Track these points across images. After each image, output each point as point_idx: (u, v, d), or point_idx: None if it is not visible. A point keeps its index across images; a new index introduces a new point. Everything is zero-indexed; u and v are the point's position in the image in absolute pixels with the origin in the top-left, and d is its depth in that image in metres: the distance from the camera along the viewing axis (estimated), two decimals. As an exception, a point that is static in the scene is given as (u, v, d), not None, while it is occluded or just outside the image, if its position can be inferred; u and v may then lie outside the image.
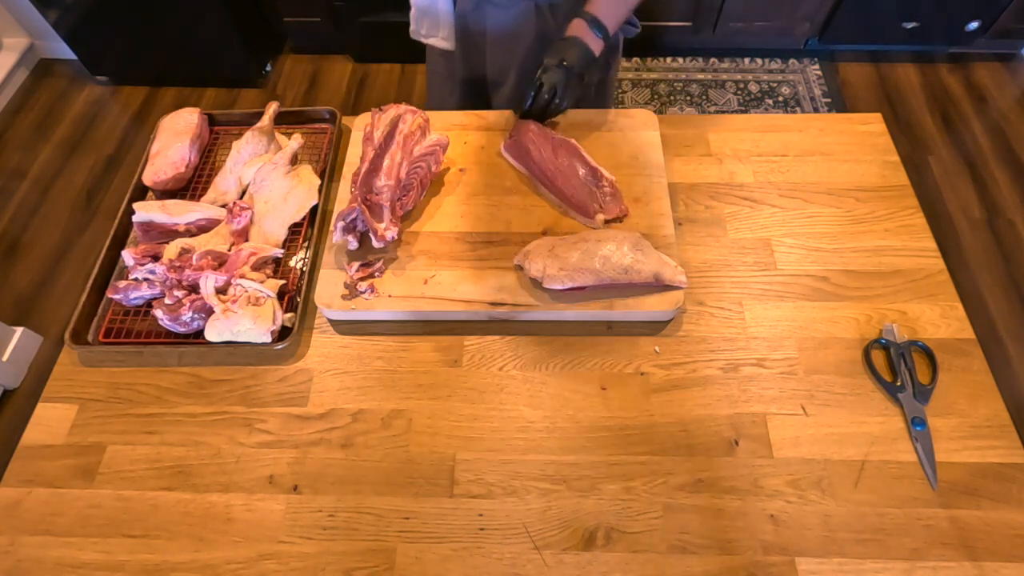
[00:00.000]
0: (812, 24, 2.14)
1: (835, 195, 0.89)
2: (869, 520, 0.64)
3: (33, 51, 2.35)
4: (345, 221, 0.80)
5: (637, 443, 0.70)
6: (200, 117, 0.97)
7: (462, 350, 0.77)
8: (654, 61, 2.30)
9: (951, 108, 2.10)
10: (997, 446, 0.68)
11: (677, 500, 0.66)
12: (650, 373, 0.75)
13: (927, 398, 0.71)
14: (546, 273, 0.75)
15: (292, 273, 0.84)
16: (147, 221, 0.85)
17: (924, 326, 0.76)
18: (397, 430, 0.72)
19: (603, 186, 0.85)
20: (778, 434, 0.70)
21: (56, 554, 0.66)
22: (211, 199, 0.90)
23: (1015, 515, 0.64)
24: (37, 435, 0.74)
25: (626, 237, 0.77)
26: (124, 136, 2.15)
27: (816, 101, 2.15)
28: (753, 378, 0.74)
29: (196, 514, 0.68)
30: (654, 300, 0.76)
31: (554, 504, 0.67)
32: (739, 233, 0.85)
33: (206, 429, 0.73)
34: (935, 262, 0.82)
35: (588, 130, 0.93)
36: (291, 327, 0.78)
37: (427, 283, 0.79)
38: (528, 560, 0.64)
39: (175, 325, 0.77)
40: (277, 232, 0.85)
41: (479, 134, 0.94)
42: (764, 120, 0.98)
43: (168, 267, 0.79)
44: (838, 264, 0.82)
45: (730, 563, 0.63)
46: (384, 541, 0.65)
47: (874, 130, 0.96)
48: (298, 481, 0.69)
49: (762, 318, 0.78)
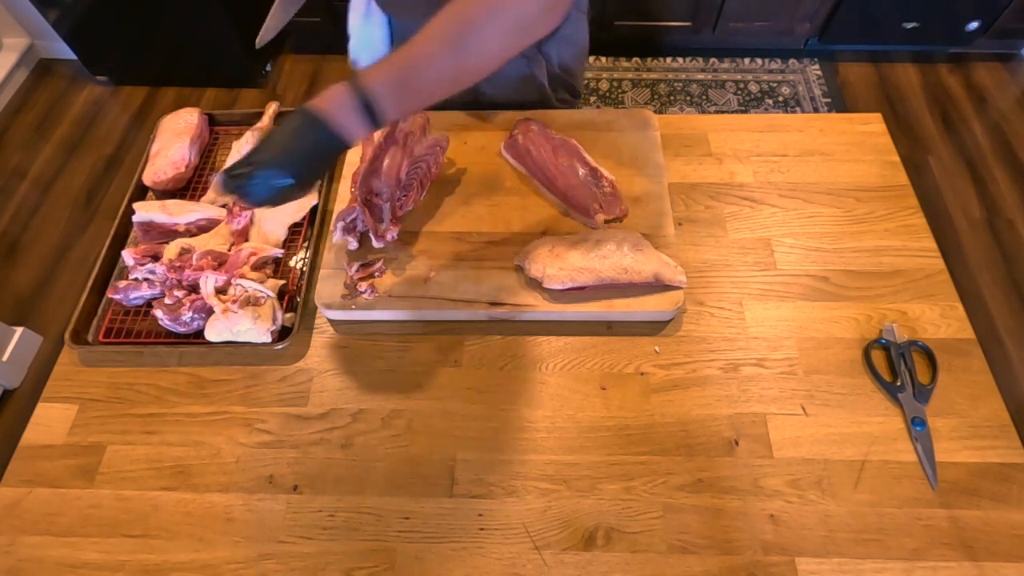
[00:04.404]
0: (812, 24, 2.14)
1: (835, 195, 0.89)
2: (869, 520, 0.64)
3: (33, 51, 2.35)
4: (345, 221, 0.80)
5: (637, 443, 0.70)
6: (200, 117, 0.97)
7: (462, 350, 0.77)
8: (654, 61, 2.31)
9: (951, 108, 2.10)
10: (997, 446, 0.68)
11: (677, 500, 0.66)
12: (650, 373, 0.75)
13: (927, 398, 0.71)
14: (546, 273, 0.75)
15: (292, 273, 0.84)
16: (147, 221, 0.85)
17: (924, 326, 0.76)
18: (397, 430, 0.72)
19: (603, 186, 0.85)
20: (778, 434, 0.70)
21: (56, 554, 0.66)
22: (211, 199, 0.90)
23: (1015, 515, 0.64)
24: (37, 435, 0.74)
25: (626, 237, 0.77)
26: (124, 136, 2.15)
27: (816, 101, 2.15)
28: (753, 378, 0.74)
29: (196, 514, 0.68)
30: (654, 300, 0.76)
31: (554, 504, 0.67)
32: (739, 233, 0.85)
33: (206, 429, 0.73)
34: (935, 262, 0.82)
35: (588, 130, 0.93)
36: (291, 327, 0.78)
37: (427, 283, 0.79)
38: (528, 560, 0.64)
39: (175, 325, 0.77)
40: (277, 232, 0.85)
41: (479, 134, 0.94)
42: (764, 120, 0.98)
43: (168, 267, 0.79)
44: (838, 264, 0.82)
45: (730, 563, 0.63)
46: (384, 541, 0.65)
47: (874, 130, 0.96)
48: (298, 481, 0.69)
49: (762, 318, 0.78)
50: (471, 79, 0.60)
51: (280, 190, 0.56)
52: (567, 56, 0.97)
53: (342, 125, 0.56)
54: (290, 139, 0.56)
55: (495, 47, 0.58)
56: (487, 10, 0.56)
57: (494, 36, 0.57)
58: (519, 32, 0.58)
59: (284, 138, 0.57)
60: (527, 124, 0.90)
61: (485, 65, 0.60)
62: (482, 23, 0.56)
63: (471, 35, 0.56)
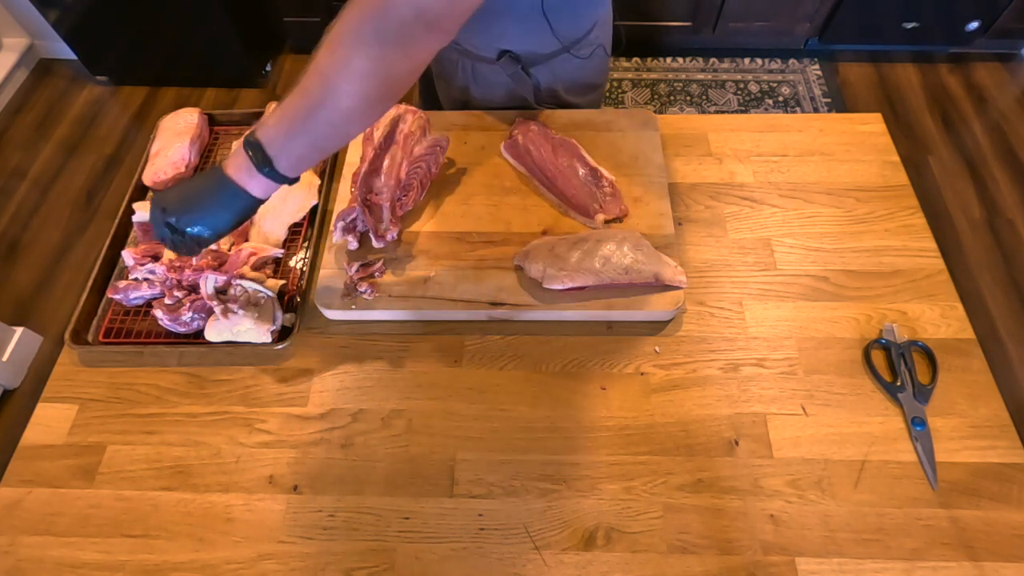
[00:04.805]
0: (812, 24, 2.14)
1: (835, 195, 0.89)
2: (869, 520, 0.64)
3: (33, 51, 2.35)
4: (345, 221, 0.80)
5: (637, 443, 0.70)
6: (200, 117, 0.97)
7: (462, 350, 0.77)
8: (654, 61, 2.30)
9: (951, 108, 2.10)
10: (997, 446, 0.68)
11: (677, 500, 0.66)
12: (650, 373, 0.75)
13: (927, 398, 0.71)
14: (546, 273, 0.75)
15: (292, 273, 0.84)
16: (147, 221, 0.85)
17: (924, 326, 0.76)
18: (397, 430, 0.72)
19: (603, 186, 0.85)
20: (778, 434, 0.70)
21: (56, 554, 0.66)
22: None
23: (1015, 515, 0.64)
24: (37, 435, 0.74)
25: (626, 237, 0.77)
26: (124, 136, 2.15)
27: (816, 101, 2.15)
28: (753, 378, 0.74)
29: (196, 514, 0.68)
30: (654, 300, 0.76)
31: (554, 504, 0.67)
32: (739, 233, 0.85)
33: (206, 429, 0.73)
34: (935, 262, 0.82)
35: (588, 130, 0.93)
36: (291, 327, 0.78)
37: (427, 283, 0.79)
38: (528, 560, 0.64)
39: (175, 325, 0.77)
40: (277, 232, 0.85)
41: (479, 134, 0.94)
42: (764, 120, 0.98)
43: (168, 267, 0.79)
44: (838, 264, 0.82)
45: (730, 563, 0.63)
46: (384, 541, 0.65)
47: (874, 130, 0.96)
48: (298, 481, 0.69)
49: (762, 318, 0.78)
50: (355, 126, 0.59)
51: (200, 242, 0.62)
52: (560, 88, 0.96)
53: (246, 184, 0.58)
54: (205, 199, 0.60)
55: (353, 103, 0.55)
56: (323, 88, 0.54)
57: (346, 94, 0.54)
58: (366, 99, 0.55)
59: (189, 195, 0.61)
60: (527, 124, 0.90)
61: (357, 118, 0.57)
62: (335, 83, 0.54)
63: (328, 94, 0.55)
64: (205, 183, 0.60)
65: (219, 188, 0.59)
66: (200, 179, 0.61)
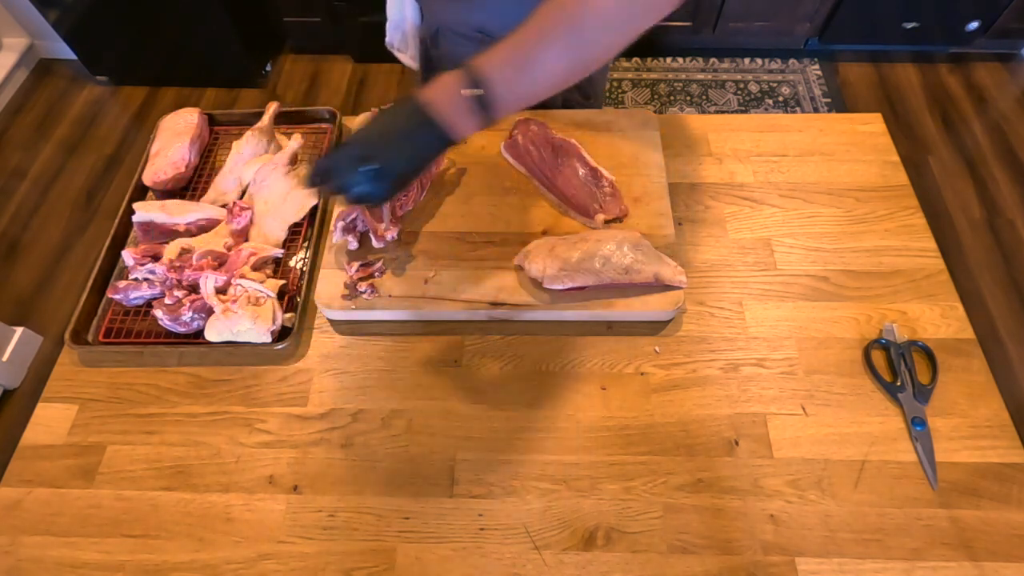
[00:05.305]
0: (812, 24, 2.14)
1: (835, 195, 0.89)
2: (869, 520, 0.64)
3: (33, 51, 2.35)
4: (345, 221, 0.80)
5: (637, 443, 0.70)
6: (200, 117, 0.97)
7: (462, 350, 0.77)
8: (654, 61, 2.31)
9: (951, 108, 2.10)
10: (997, 446, 0.68)
11: (677, 500, 0.66)
12: (650, 373, 0.75)
13: (927, 398, 0.71)
14: (546, 273, 0.75)
15: (292, 273, 0.84)
16: (147, 221, 0.85)
17: (924, 326, 0.76)
18: (397, 430, 0.72)
19: (603, 186, 0.85)
20: (778, 434, 0.70)
21: (56, 554, 0.66)
22: (211, 199, 0.90)
23: (1015, 515, 0.64)
24: (37, 435, 0.74)
25: (626, 237, 0.77)
26: (124, 136, 2.15)
27: (816, 101, 2.15)
28: (753, 378, 0.74)
29: (196, 514, 0.68)
30: (654, 300, 0.76)
31: (554, 504, 0.67)
32: (739, 233, 0.85)
33: (206, 429, 0.73)
34: (935, 262, 0.82)
35: (588, 130, 0.93)
36: (291, 327, 0.78)
37: (427, 283, 0.79)
38: (528, 560, 0.64)
39: (175, 325, 0.77)
40: (277, 232, 0.85)
41: (479, 134, 0.94)
42: (764, 120, 0.98)
43: (168, 267, 0.79)
44: (838, 264, 0.82)
45: (730, 563, 0.63)
46: (384, 541, 0.65)
47: (874, 130, 0.96)
48: (298, 481, 0.69)
49: (762, 318, 0.78)
50: (588, 66, 0.54)
51: (399, 184, 0.55)
52: None
53: (454, 123, 0.54)
54: (396, 138, 0.55)
55: (612, 34, 0.52)
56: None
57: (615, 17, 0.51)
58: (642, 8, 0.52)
59: (389, 136, 0.55)
60: (527, 124, 0.90)
61: (602, 54, 0.54)
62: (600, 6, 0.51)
63: (588, 16, 0.51)
64: (407, 124, 0.54)
65: (422, 128, 0.53)
66: (399, 118, 0.55)
